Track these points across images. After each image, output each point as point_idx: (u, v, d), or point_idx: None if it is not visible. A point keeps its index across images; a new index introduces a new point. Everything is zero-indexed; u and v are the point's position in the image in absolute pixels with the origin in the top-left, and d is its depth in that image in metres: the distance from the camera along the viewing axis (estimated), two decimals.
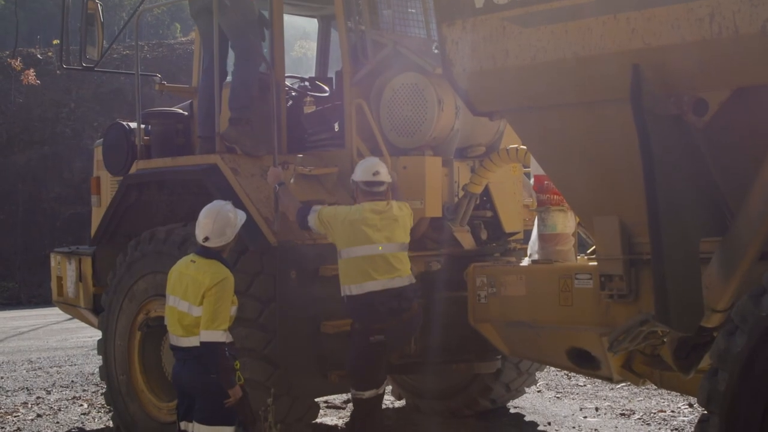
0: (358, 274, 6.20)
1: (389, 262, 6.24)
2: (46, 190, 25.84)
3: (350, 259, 6.23)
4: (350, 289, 6.24)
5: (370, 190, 6.37)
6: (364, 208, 6.31)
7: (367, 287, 6.18)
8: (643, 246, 5.05)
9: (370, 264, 6.19)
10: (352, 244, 6.22)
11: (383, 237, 6.25)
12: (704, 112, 4.50)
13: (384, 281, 6.20)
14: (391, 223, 6.32)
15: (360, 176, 6.40)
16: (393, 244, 6.29)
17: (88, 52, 7.96)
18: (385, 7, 7.43)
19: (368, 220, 6.24)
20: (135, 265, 7.23)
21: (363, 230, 6.21)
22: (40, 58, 28.20)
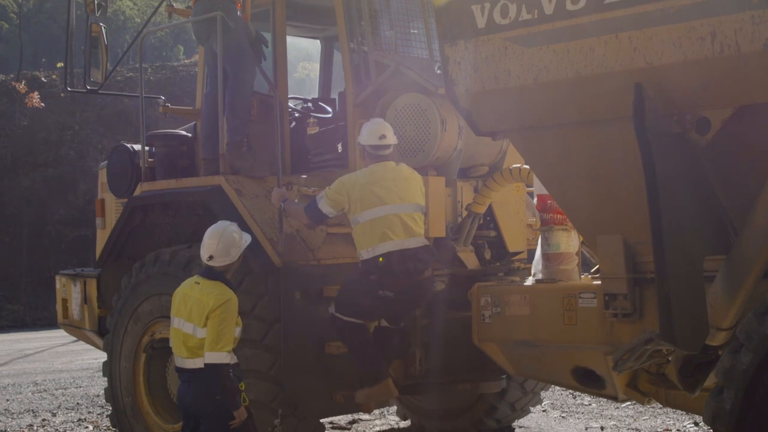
0: (375, 236, 6.18)
1: (405, 222, 6.24)
2: (50, 212, 25.89)
3: (366, 222, 6.22)
4: (367, 253, 6.21)
5: (377, 153, 6.39)
6: (372, 170, 6.33)
7: (384, 248, 6.16)
8: (647, 265, 5.04)
9: (386, 225, 6.18)
10: (367, 207, 6.21)
11: (396, 197, 6.26)
12: (707, 131, 4.52)
13: (400, 241, 6.19)
14: (403, 183, 6.34)
15: (366, 139, 6.41)
16: (407, 204, 6.30)
17: (92, 75, 8.00)
18: (387, 28, 7.46)
19: (379, 181, 6.27)
20: (140, 286, 7.24)
21: (375, 192, 6.23)
22: (44, 80, 28.31)
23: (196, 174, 7.60)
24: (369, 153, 6.41)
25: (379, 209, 6.21)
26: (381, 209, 6.21)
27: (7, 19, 52.98)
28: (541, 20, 4.78)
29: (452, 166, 7.06)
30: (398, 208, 6.25)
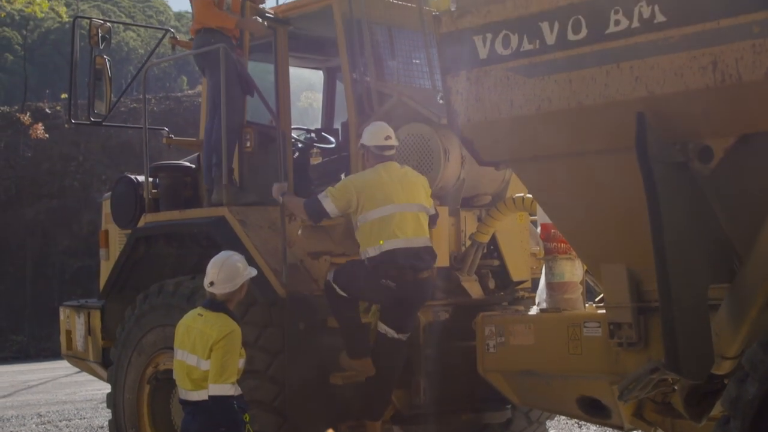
0: (382, 235, 6.26)
1: (411, 222, 6.33)
2: (54, 243, 25.93)
3: (374, 220, 6.29)
4: (373, 250, 6.27)
5: (382, 154, 6.47)
6: (379, 170, 6.41)
7: (391, 245, 6.24)
8: (652, 293, 5.03)
9: (393, 223, 6.26)
10: (374, 206, 6.28)
11: (404, 197, 6.34)
12: (710, 159, 4.52)
13: (406, 239, 6.28)
14: (410, 185, 6.43)
15: (371, 140, 6.49)
16: (413, 203, 6.38)
17: (96, 107, 8.05)
18: (389, 59, 7.50)
19: (386, 181, 6.34)
20: (144, 318, 7.23)
21: (383, 191, 6.32)
22: (48, 112, 28.44)
23: (199, 205, 7.61)
24: (374, 154, 6.49)
25: (387, 208, 6.29)
26: (388, 208, 6.29)
27: (11, 51, 53.28)
28: (543, 50, 4.79)
29: (455, 196, 7.07)
30: (405, 207, 6.34)
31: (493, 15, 4.98)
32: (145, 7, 66.04)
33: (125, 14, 59.51)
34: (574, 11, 4.64)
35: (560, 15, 4.70)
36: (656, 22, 4.38)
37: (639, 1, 4.41)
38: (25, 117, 27.16)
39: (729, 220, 4.68)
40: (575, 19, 4.64)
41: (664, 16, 4.35)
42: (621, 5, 4.48)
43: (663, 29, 4.35)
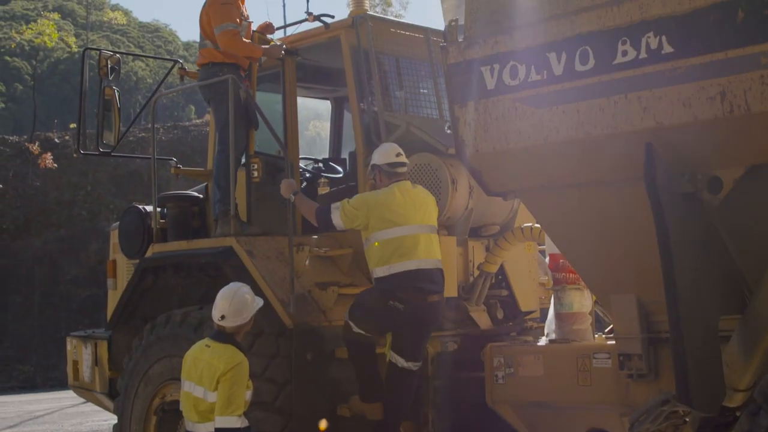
0: (395, 254, 6.22)
1: (422, 243, 6.28)
2: (62, 272, 25.93)
3: (384, 241, 6.25)
4: (383, 270, 6.24)
5: (394, 171, 6.45)
6: (393, 190, 6.37)
7: (402, 267, 6.20)
8: (662, 324, 5.00)
9: (405, 244, 6.22)
10: (387, 226, 6.25)
11: (417, 218, 6.32)
12: (719, 190, 4.51)
13: (418, 261, 6.24)
14: (423, 206, 6.41)
15: (382, 159, 6.48)
16: (426, 225, 6.36)
17: (105, 137, 8.07)
18: (397, 89, 7.52)
19: (400, 202, 6.31)
20: (151, 348, 7.21)
21: (396, 211, 6.28)
22: (57, 141, 28.54)
23: (207, 235, 7.61)
24: (386, 172, 6.47)
25: (400, 229, 6.26)
26: (401, 229, 6.26)
27: (21, 81, 53.65)
28: (551, 81, 4.79)
29: (463, 226, 7.06)
30: (417, 229, 6.31)
31: (501, 46, 4.99)
32: (154, 37, 66.52)
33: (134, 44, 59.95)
34: (582, 42, 4.65)
35: (567, 46, 4.71)
36: (664, 52, 4.38)
37: (646, 32, 4.42)
38: (34, 147, 27.27)
39: (739, 251, 4.66)
40: (583, 49, 4.65)
41: (671, 46, 4.35)
42: (628, 36, 4.49)
43: (671, 60, 4.35)
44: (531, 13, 4.91)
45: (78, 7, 63.31)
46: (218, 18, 7.31)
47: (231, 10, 7.36)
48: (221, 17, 7.31)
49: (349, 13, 7.47)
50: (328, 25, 7.49)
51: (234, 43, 7.24)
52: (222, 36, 7.24)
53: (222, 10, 7.34)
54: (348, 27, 7.35)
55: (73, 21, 58.85)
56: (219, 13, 7.33)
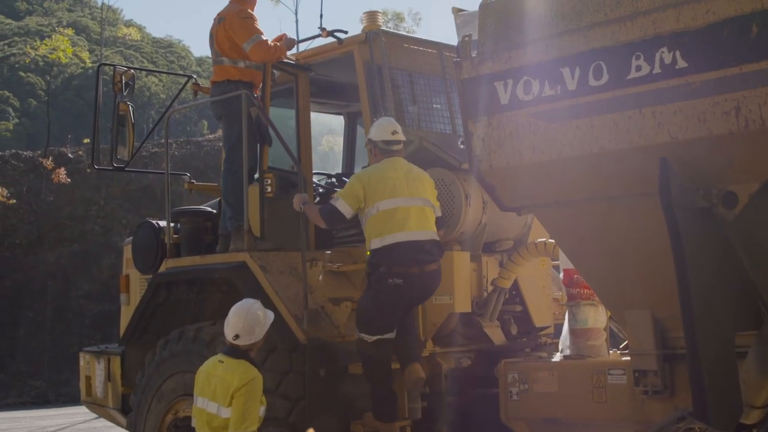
0: (386, 227, 6.29)
1: (415, 215, 6.34)
2: (75, 287, 25.98)
3: (378, 213, 6.33)
4: (377, 242, 6.31)
5: (389, 149, 6.54)
6: (384, 164, 6.47)
7: (394, 238, 6.27)
8: (677, 340, 4.98)
9: (397, 216, 6.29)
10: (379, 198, 6.33)
11: (408, 191, 6.37)
12: (734, 205, 4.49)
13: (410, 233, 6.29)
14: (416, 181, 6.46)
15: (378, 135, 6.56)
16: (418, 198, 6.40)
17: (119, 153, 8.09)
18: (410, 104, 7.52)
19: (392, 175, 6.39)
20: (164, 364, 7.20)
21: (388, 184, 6.35)
22: (70, 156, 28.64)
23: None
24: (381, 149, 6.56)
25: (392, 201, 6.33)
26: (393, 201, 6.33)
27: (35, 96, 53.93)
28: (564, 96, 4.79)
29: (477, 241, 7.04)
30: (409, 201, 6.36)
31: (514, 61, 5.00)
32: (167, 52, 66.79)
33: (147, 60, 60.21)
34: (595, 57, 4.66)
35: (581, 61, 4.71)
36: (678, 67, 4.38)
37: (660, 47, 4.42)
38: (48, 162, 27.37)
39: (755, 266, 4.64)
40: (596, 64, 4.65)
41: (685, 61, 4.35)
42: (642, 51, 4.49)
43: (685, 75, 4.35)
44: (544, 28, 4.91)
45: (92, 22, 63.70)
46: (244, 33, 7.28)
47: (253, 23, 7.38)
48: (247, 32, 7.29)
49: (362, 29, 7.48)
50: (342, 41, 7.50)
51: (268, 52, 7.26)
52: (255, 48, 7.23)
53: (246, 25, 7.32)
54: (361, 42, 7.36)
55: (87, 36, 59.19)
56: (243, 29, 7.31)
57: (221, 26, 7.42)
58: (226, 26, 7.37)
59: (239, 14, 7.38)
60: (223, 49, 7.41)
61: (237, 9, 7.44)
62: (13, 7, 68.48)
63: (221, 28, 7.41)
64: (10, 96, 54.42)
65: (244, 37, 7.26)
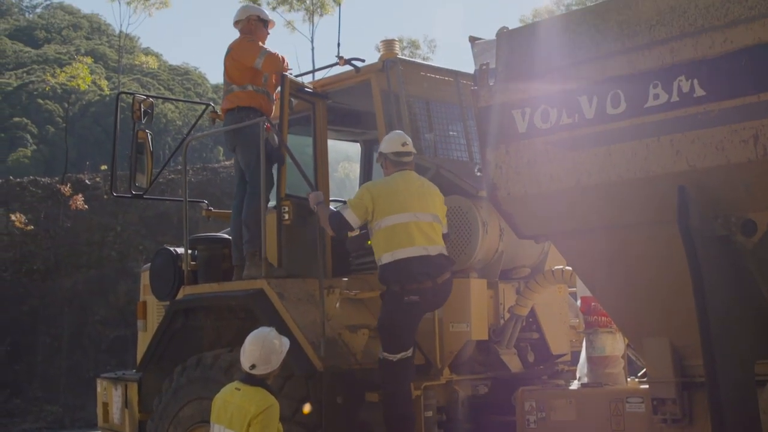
0: (396, 241, 6.34)
1: (424, 230, 6.39)
2: (91, 312, 26.04)
3: (388, 227, 6.38)
4: (387, 257, 6.36)
5: (400, 160, 6.60)
6: (395, 178, 6.53)
7: (405, 253, 6.31)
8: (696, 368, 4.95)
9: (407, 231, 6.34)
10: (390, 213, 6.38)
11: (419, 206, 6.42)
12: (753, 233, 4.48)
13: (419, 248, 6.34)
14: (426, 196, 6.52)
15: (388, 148, 6.64)
16: (428, 213, 6.45)
17: (137, 180, 8.15)
18: (427, 131, 7.54)
19: (402, 189, 6.44)
20: (181, 390, 7.21)
21: (398, 199, 6.40)
22: (88, 183, 28.79)
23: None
24: (392, 161, 6.62)
25: (401, 216, 6.37)
26: (403, 216, 6.38)
27: (53, 123, 54.30)
28: (582, 124, 4.81)
29: (494, 268, 7.04)
30: (419, 217, 6.40)
31: (532, 89, 5.02)
32: (184, 79, 67.23)
33: (164, 87, 60.61)
34: (613, 86, 4.67)
35: (599, 89, 4.72)
36: (696, 96, 4.39)
37: (678, 76, 4.43)
38: (66, 188, 27.51)
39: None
40: (614, 93, 4.67)
41: (703, 90, 4.36)
42: (660, 79, 4.50)
43: (703, 103, 4.36)
44: (561, 56, 4.93)
45: (110, 50, 64.22)
46: (252, 53, 7.51)
47: (257, 43, 7.63)
48: (254, 51, 7.53)
49: (379, 57, 7.53)
50: (359, 69, 7.56)
51: (279, 61, 7.45)
52: (267, 61, 7.44)
53: (252, 47, 7.58)
54: (378, 71, 7.41)
55: (104, 64, 59.67)
56: (250, 50, 7.55)
57: (229, 56, 7.68)
58: (233, 55, 7.60)
59: (244, 39, 7.68)
60: (232, 77, 7.58)
61: (243, 37, 7.72)
62: (32, 35, 69.19)
63: (229, 58, 7.65)
64: (29, 123, 54.83)
65: (253, 55, 7.49)
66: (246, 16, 7.83)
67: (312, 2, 47.31)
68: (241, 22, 7.82)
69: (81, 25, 75.03)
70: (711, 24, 4.35)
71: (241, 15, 7.87)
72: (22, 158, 52.00)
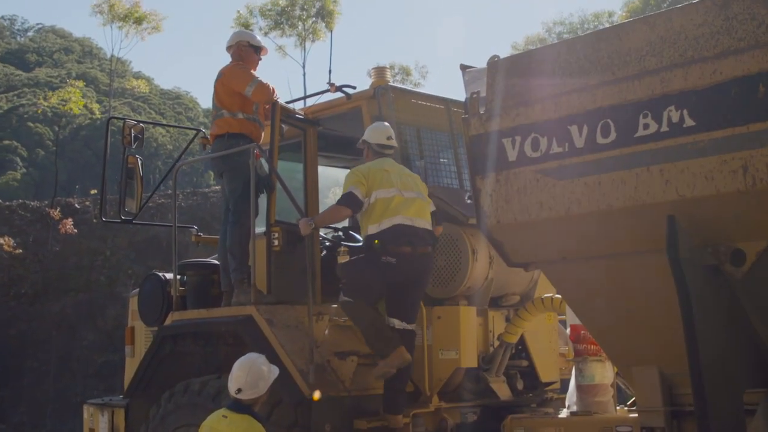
0: (385, 213, 6.53)
1: (412, 205, 6.59)
2: (79, 337, 25.94)
3: (377, 201, 6.58)
4: (374, 228, 6.56)
5: (382, 151, 6.85)
6: (378, 162, 6.79)
7: (392, 221, 6.50)
8: (685, 397, 4.94)
9: (394, 203, 6.55)
10: (378, 187, 6.58)
11: (402, 185, 6.64)
12: (742, 263, 4.49)
13: (407, 218, 6.54)
14: (409, 177, 6.81)
15: (373, 138, 6.88)
16: (412, 191, 6.66)
17: (127, 205, 8.14)
18: (417, 158, 7.56)
19: (387, 168, 6.71)
20: (168, 417, 7.16)
21: (384, 176, 6.64)
22: (77, 207, 28.77)
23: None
24: (375, 150, 6.87)
25: (389, 190, 6.59)
26: (390, 191, 6.60)
27: (43, 147, 54.29)
28: (572, 153, 4.81)
29: (483, 296, 7.04)
30: (405, 192, 6.62)
31: (522, 118, 5.03)
32: (175, 104, 67.35)
33: (155, 111, 60.70)
34: (603, 115, 4.68)
35: (589, 119, 4.74)
36: (686, 126, 4.40)
37: (668, 106, 4.45)
38: (55, 212, 27.48)
39: (763, 324, 4.63)
40: (604, 122, 4.68)
41: (693, 120, 4.37)
42: (650, 109, 4.52)
43: (692, 133, 4.37)
44: (552, 86, 4.95)
45: (101, 74, 64.31)
46: (243, 80, 7.49)
47: (249, 70, 7.62)
48: (245, 78, 7.50)
49: (370, 84, 7.56)
50: (350, 96, 7.58)
51: (269, 91, 7.44)
52: (257, 90, 7.41)
53: (243, 74, 7.55)
54: (369, 98, 7.44)
55: (95, 88, 59.75)
56: (241, 77, 7.52)
57: (220, 81, 7.65)
58: (224, 81, 7.56)
59: (236, 66, 7.66)
60: (223, 102, 7.56)
61: (235, 63, 7.70)
62: (23, 58, 69.29)
63: (220, 83, 7.63)
64: (18, 146, 54.80)
65: (244, 83, 7.47)
66: (237, 41, 7.84)
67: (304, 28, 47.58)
68: (232, 47, 7.84)
69: (73, 49, 75.21)
70: (700, 55, 4.37)
71: (232, 40, 7.89)
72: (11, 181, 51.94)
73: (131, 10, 46.30)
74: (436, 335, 6.75)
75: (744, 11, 4.23)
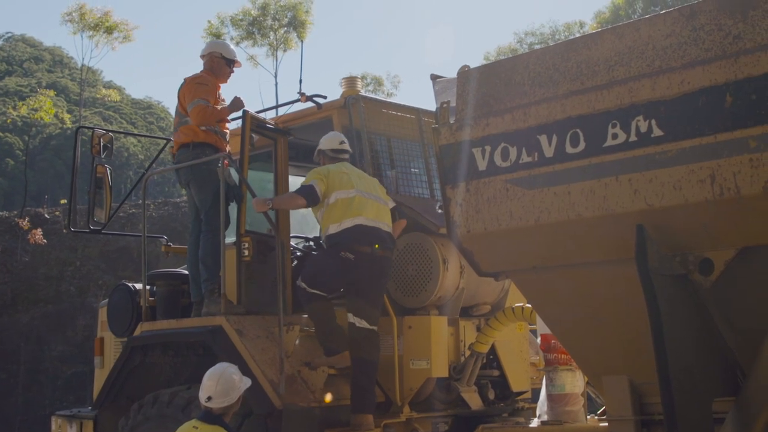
0: (345, 213, 6.60)
1: (371, 206, 6.68)
2: (48, 348, 25.70)
3: (337, 201, 6.66)
4: (334, 227, 6.64)
5: (337, 157, 6.96)
6: (336, 165, 6.88)
7: (353, 221, 6.58)
8: (655, 406, 4.96)
9: (356, 204, 6.62)
10: (338, 188, 6.66)
11: (362, 186, 6.73)
12: (710, 272, 4.50)
13: (368, 219, 6.62)
14: (367, 180, 6.87)
15: (327, 145, 7.03)
16: (373, 194, 6.75)
17: (96, 215, 8.08)
18: (388, 168, 7.56)
19: (347, 171, 6.83)
20: (138, 428, 7.10)
21: (344, 178, 6.71)
22: (47, 217, 28.53)
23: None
24: (330, 156, 6.99)
25: (350, 191, 6.67)
26: (350, 191, 6.67)
27: (12, 156, 53.82)
28: (542, 163, 4.82)
29: (454, 306, 7.04)
30: (365, 194, 6.70)
31: (492, 128, 5.03)
32: (146, 113, 67.05)
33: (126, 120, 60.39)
34: (572, 125, 4.69)
35: (558, 128, 4.75)
36: (654, 136, 4.42)
37: (636, 116, 4.47)
38: (24, 222, 27.24)
39: (731, 333, 4.64)
40: (573, 132, 4.69)
41: (661, 130, 4.39)
42: (618, 119, 4.53)
43: (661, 143, 4.39)
44: (522, 95, 4.96)
45: (72, 83, 63.93)
46: (191, 95, 7.48)
47: (205, 89, 7.54)
48: (193, 94, 7.48)
49: (341, 94, 7.55)
50: (321, 106, 7.57)
51: (205, 115, 7.39)
52: (193, 112, 7.38)
53: (196, 89, 7.52)
54: (340, 107, 7.44)
55: (66, 97, 59.37)
56: (192, 91, 7.51)
57: (182, 89, 7.63)
58: (184, 89, 7.51)
59: (195, 79, 7.61)
60: (186, 110, 7.50)
61: (198, 75, 7.65)
62: None
63: (182, 91, 7.62)
64: None
65: (190, 98, 7.47)
66: (210, 51, 7.82)
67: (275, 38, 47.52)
68: (206, 56, 7.81)
69: (43, 58, 74.71)
70: (668, 65, 4.39)
71: (206, 50, 7.86)
72: None
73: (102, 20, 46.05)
74: (407, 345, 6.74)
75: (711, 22, 4.26)
